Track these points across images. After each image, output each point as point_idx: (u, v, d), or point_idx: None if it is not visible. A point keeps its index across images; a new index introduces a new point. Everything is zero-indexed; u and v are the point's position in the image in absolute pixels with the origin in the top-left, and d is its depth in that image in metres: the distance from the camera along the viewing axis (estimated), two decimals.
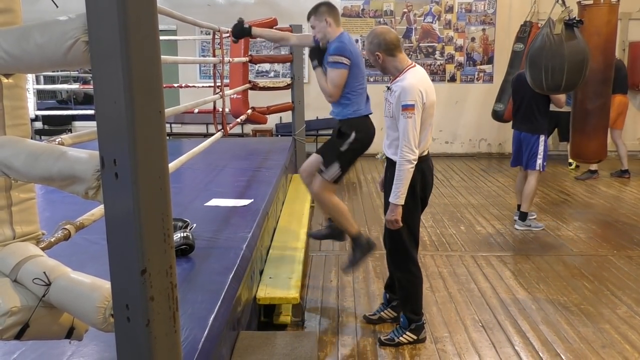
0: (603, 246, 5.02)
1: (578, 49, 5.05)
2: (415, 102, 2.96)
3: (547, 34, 5.12)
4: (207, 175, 4.98)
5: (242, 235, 3.25)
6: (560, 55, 4.99)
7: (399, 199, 3.04)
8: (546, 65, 5.01)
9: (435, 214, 5.91)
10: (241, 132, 9.55)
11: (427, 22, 9.50)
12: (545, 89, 5.14)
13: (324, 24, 3.72)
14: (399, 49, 3.11)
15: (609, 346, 3.27)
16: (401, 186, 3.02)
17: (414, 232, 3.25)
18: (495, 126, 9.53)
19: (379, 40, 3.08)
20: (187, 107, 3.57)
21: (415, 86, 2.99)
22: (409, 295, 3.30)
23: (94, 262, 2.38)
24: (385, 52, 3.08)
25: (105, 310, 1.30)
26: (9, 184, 1.56)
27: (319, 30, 3.75)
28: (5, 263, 1.49)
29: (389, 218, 3.11)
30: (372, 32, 3.16)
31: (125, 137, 1.11)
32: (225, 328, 2.40)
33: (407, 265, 3.26)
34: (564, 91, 5.20)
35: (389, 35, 3.10)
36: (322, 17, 3.72)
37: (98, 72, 1.12)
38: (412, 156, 2.99)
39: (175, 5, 7.31)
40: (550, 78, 5.02)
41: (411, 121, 2.96)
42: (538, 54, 5.12)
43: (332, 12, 3.76)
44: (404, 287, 3.30)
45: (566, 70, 4.98)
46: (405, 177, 3.01)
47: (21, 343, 1.73)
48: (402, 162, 3.00)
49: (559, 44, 5.03)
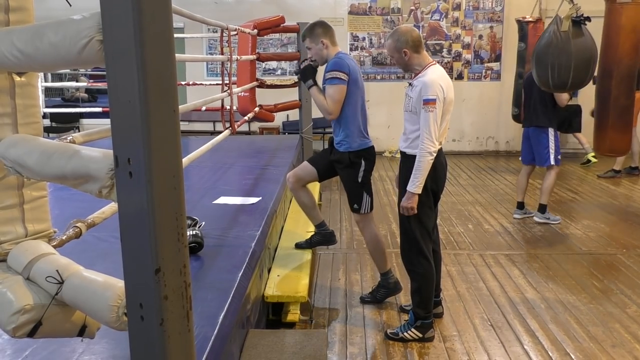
0: (612, 245, 4.99)
1: (585, 47, 5.00)
2: (436, 96, 3.06)
3: (554, 31, 5.08)
4: (215, 173, 4.98)
5: (250, 233, 3.25)
6: (567, 53, 4.94)
7: (416, 187, 3.12)
8: (552, 63, 4.97)
9: (443, 212, 5.90)
10: (248, 130, 9.55)
11: (435, 20, 9.46)
12: (552, 86, 5.11)
13: (320, 46, 3.66)
14: (422, 47, 3.22)
15: (619, 345, 3.25)
16: (420, 176, 3.11)
17: (426, 224, 3.27)
18: (503, 124, 9.50)
19: (406, 37, 3.17)
20: (196, 105, 3.57)
21: (437, 81, 3.09)
22: (419, 289, 3.31)
23: (104, 259, 2.40)
24: (412, 49, 3.17)
25: (119, 308, 1.30)
26: (21, 182, 1.56)
27: (315, 52, 3.69)
28: (18, 261, 1.49)
29: (404, 204, 3.17)
30: (398, 31, 3.23)
31: (139, 136, 1.11)
32: (234, 326, 2.40)
33: (419, 259, 3.28)
34: (571, 89, 5.16)
35: (414, 33, 3.22)
36: (318, 40, 3.66)
37: (112, 71, 1.12)
38: (432, 148, 3.08)
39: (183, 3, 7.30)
40: (556, 76, 4.99)
41: (432, 115, 3.05)
42: (544, 52, 5.08)
43: (327, 32, 3.69)
44: (414, 280, 3.33)
45: (573, 67, 4.94)
46: (425, 168, 3.10)
47: (33, 340, 1.74)
48: (423, 153, 3.08)
49: (565, 41, 4.98)
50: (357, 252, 4.81)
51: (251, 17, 6.89)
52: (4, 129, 1.50)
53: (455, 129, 9.52)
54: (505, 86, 9.46)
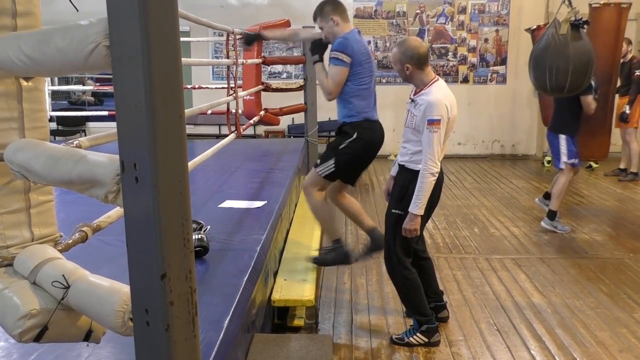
0: (619, 249, 4.97)
1: (583, 50, 4.97)
2: (441, 117, 3.03)
3: (552, 34, 5.05)
4: (221, 176, 4.98)
5: (256, 237, 3.24)
6: (565, 56, 4.91)
7: (419, 209, 3.09)
8: (550, 66, 4.94)
9: (449, 216, 5.88)
10: (253, 133, 9.56)
11: (440, 23, 9.46)
12: (549, 89, 5.09)
13: (330, 23, 3.63)
14: (427, 64, 3.16)
15: (627, 350, 3.23)
16: (422, 197, 3.08)
17: (409, 240, 3.25)
18: (509, 128, 9.48)
19: (412, 53, 3.11)
20: (202, 109, 3.57)
21: (442, 101, 3.05)
22: (407, 297, 3.36)
23: (110, 263, 2.40)
24: (416, 66, 3.12)
25: (124, 314, 1.30)
26: (27, 187, 1.56)
27: (327, 30, 3.67)
28: (24, 265, 1.49)
29: (406, 227, 3.14)
30: (406, 43, 3.17)
31: (145, 141, 1.10)
32: (240, 331, 2.39)
33: (400, 270, 3.30)
34: (568, 92, 5.09)
35: (422, 49, 3.15)
36: (328, 17, 3.63)
37: (119, 76, 1.12)
38: (435, 169, 3.06)
39: (189, 7, 7.32)
40: (554, 79, 4.96)
41: (437, 135, 3.02)
42: (542, 55, 5.06)
43: (337, 9, 3.65)
44: (401, 291, 3.38)
45: (571, 71, 4.90)
46: (427, 189, 3.08)
47: (39, 345, 1.74)
48: (426, 174, 3.05)
49: (564, 44, 4.95)
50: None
51: (257, 21, 6.90)
52: (11, 133, 1.51)
53: (460, 133, 9.50)
54: (510, 89, 9.45)
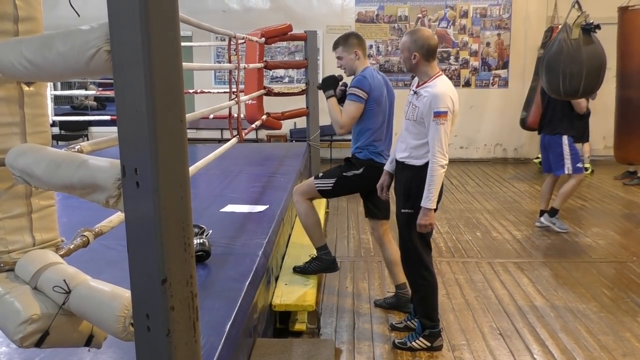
0: (622, 252, 4.95)
1: (596, 54, 4.99)
2: (447, 108, 3.03)
3: (564, 39, 5.07)
4: (223, 181, 4.99)
5: (258, 242, 3.24)
6: (578, 61, 4.94)
7: (431, 202, 3.07)
8: (564, 71, 4.96)
9: (451, 219, 5.88)
10: (255, 138, 9.57)
11: (442, 27, 9.46)
12: (563, 94, 5.10)
13: (352, 56, 3.67)
14: (434, 57, 3.17)
15: (630, 354, 3.22)
16: (434, 190, 3.06)
17: (426, 236, 3.24)
18: (511, 131, 9.47)
19: (423, 43, 3.11)
20: (204, 113, 3.58)
21: (447, 94, 3.05)
22: (421, 299, 3.30)
23: (111, 267, 2.39)
24: (424, 56, 3.12)
25: (125, 319, 1.30)
26: (29, 192, 1.56)
27: (347, 62, 3.69)
28: (25, 270, 1.49)
29: (421, 222, 3.10)
30: (418, 32, 3.17)
31: (146, 146, 1.10)
32: (242, 335, 2.39)
33: (419, 270, 3.26)
34: (582, 96, 5.14)
35: (432, 41, 3.15)
36: (352, 50, 3.67)
37: (120, 81, 1.12)
38: (444, 161, 3.05)
39: (191, 12, 7.35)
40: (568, 83, 4.98)
41: (444, 127, 3.01)
42: (555, 59, 5.07)
43: (361, 44, 3.70)
44: (417, 291, 3.32)
45: (584, 75, 4.94)
46: (438, 182, 3.06)
47: (39, 350, 1.73)
48: (436, 167, 3.03)
49: (576, 49, 4.98)
50: (365, 260, 4.80)
51: (259, 26, 6.92)
52: (13, 138, 1.51)
53: (463, 136, 9.50)
54: (513, 93, 9.44)
